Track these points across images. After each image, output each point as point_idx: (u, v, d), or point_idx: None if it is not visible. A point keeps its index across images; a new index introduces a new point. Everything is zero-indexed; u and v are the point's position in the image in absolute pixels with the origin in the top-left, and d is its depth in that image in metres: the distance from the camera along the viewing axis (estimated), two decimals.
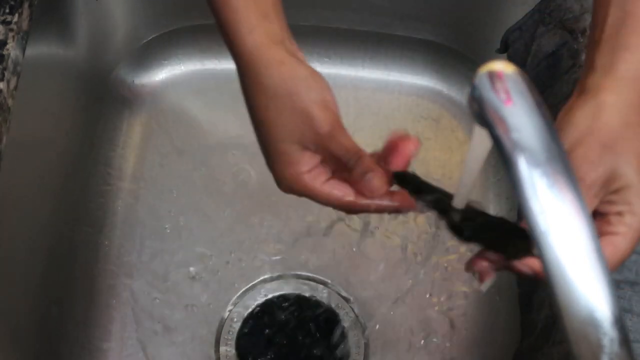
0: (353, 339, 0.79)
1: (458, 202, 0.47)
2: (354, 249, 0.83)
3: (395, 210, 0.52)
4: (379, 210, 0.52)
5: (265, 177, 0.88)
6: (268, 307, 0.80)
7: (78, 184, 0.81)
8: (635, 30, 0.50)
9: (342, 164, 0.51)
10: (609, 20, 0.50)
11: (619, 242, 0.48)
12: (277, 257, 0.83)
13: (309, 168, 0.51)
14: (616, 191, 0.48)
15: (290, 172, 0.51)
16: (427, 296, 0.82)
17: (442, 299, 0.81)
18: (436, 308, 0.81)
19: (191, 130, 0.88)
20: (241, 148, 0.87)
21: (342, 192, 0.51)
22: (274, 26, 0.51)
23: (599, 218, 0.49)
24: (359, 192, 0.51)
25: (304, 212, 0.84)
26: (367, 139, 0.54)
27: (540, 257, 0.33)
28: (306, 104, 0.50)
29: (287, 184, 0.52)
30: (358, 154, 0.51)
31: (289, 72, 0.50)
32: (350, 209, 0.52)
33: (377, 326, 0.80)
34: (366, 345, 0.79)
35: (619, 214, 0.48)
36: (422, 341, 0.80)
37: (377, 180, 0.50)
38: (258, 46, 0.50)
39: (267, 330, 0.79)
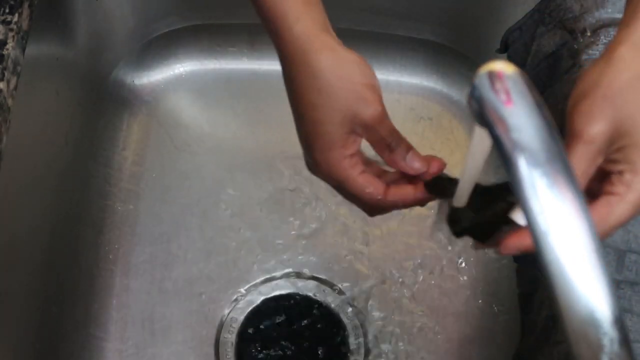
0: (353, 339, 0.79)
1: (458, 202, 0.47)
2: (355, 250, 0.83)
3: (417, 203, 0.53)
4: (404, 206, 0.53)
5: (265, 176, 0.89)
6: (268, 307, 0.80)
7: (78, 184, 0.81)
8: None
9: (383, 146, 0.52)
10: None
11: (615, 203, 0.46)
12: (277, 257, 0.83)
13: (351, 152, 0.52)
14: (620, 149, 0.46)
15: (333, 155, 0.52)
16: (428, 296, 0.82)
17: (442, 299, 0.81)
18: (436, 308, 0.81)
19: (191, 130, 0.88)
20: (241, 148, 0.87)
21: (375, 187, 0.52)
22: (319, 14, 0.53)
23: (604, 178, 0.47)
24: (402, 169, 0.52)
25: (305, 211, 0.84)
26: None
27: (540, 257, 0.33)
28: (358, 87, 0.51)
29: (326, 167, 0.53)
30: (400, 136, 0.52)
31: (340, 57, 0.51)
32: (376, 207, 0.53)
33: (378, 326, 0.80)
34: (366, 345, 0.79)
35: (620, 173, 0.46)
36: (423, 341, 0.80)
37: (418, 159, 0.52)
38: (306, 33, 0.51)
39: (266, 331, 0.79)
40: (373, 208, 0.54)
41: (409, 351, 0.79)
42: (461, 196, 0.47)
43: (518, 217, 0.45)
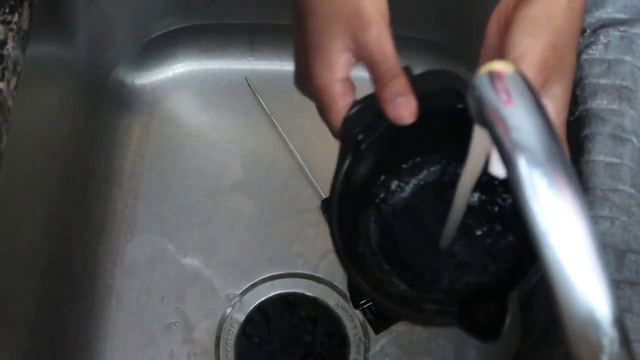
0: (353, 339, 0.79)
1: (459, 201, 0.47)
2: None
3: None
4: None
5: (265, 176, 0.89)
6: (268, 307, 0.80)
7: (78, 183, 0.81)
8: None
9: (376, 75, 0.48)
10: None
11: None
12: (278, 256, 0.83)
13: (343, 76, 0.49)
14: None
15: (325, 74, 0.49)
16: None
17: None
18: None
19: (191, 130, 0.88)
20: (241, 148, 0.87)
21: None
22: None
23: None
24: (384, 108, 0.48)
25: (305, 210, 0.84)
26: None
27: (540, 257, 0.33)
28: (365, 4, 0.48)
29: (316, 85, 0.49)
30: (397, 71, 0.48)
31: None
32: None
33: None
34: (366, 345, 0.79)
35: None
36: (423, 341, 0.80)
37: (406, 108, 0.47)
38: None
39: (267, 331, 0.79)
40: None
41: (409, 350, 0.79)
42: (462, 196, 0.47)
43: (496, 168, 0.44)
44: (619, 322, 0.33)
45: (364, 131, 0.49)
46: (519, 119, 0.35)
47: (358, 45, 0.48)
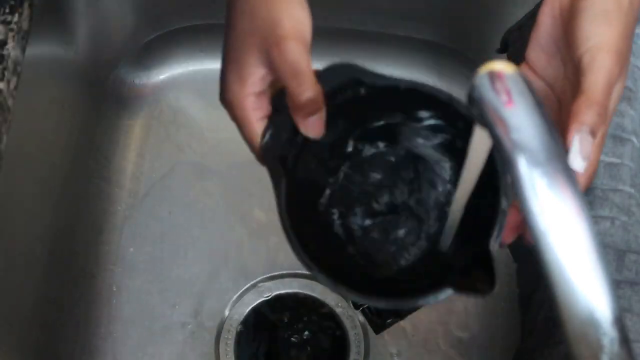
0: (353, 339, 0.79)
1: (459, 201, 0.47)
2: None
3: None
4: None
5: (265, 177, 0.89)
6: (268, 307, 0.80)
7: (78, 183, 0.81)
8: None
9: (287, 88, 0.46)
10: None
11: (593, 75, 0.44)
12: (278, 256, 0.82)
13: (257, 90, 0.48)
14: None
15: (238, 88, 0.48)
16: None
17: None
18: (436, 308, 0.81)
19: (191, 130, 0.88)
20: (241, 148, 0.87)
21: None
22: None
23: None
24: (297, 124, 0.48)
25: None
26: None
27: (540, 257, 0.33)
28: (278, 13, 0.46)
29: (230, 99, 0.49)
30: (309, 85, 0.46)
31: None
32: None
33: None
34: (366, 345, 0.79)
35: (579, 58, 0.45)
36: (423, 341, 0.80)
37: (318, 125, 0.48)
38: None
39: (267, 331, 0.79)
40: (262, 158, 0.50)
41: (409, 350, 0.79)
42: (462, 196, 0.47)
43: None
44: (619, 322, 0.33)
45: (283, 153, 0.49)
46: (519, 119, 0.35)
47: (271, 60, 0.47)
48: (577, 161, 0.41)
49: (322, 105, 0.47)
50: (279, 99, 0.49)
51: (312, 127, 0.48)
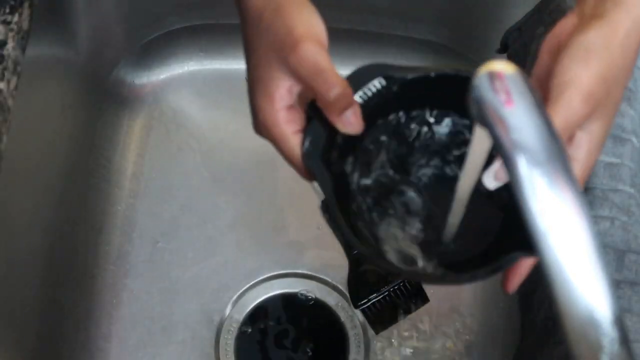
0: (353, 339, 0.79)
1: (460, 201, 0.47)
2: None
3: None
4: None
5: (265, 177, 0.89)
6: (268, 307, 0.80)
7: (78, 183, 0.81)
8: None
9: (318, 97, 0.46)
10: None
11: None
12: (278, 256, 0.83)
13: (286, 104, 0.48)
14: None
15: (267, 107, 0.47)
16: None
17: (442, 299, 0.81)
18: (436, 308, 0.81)
19: (191, 130, 0.88)
20: (241, 148, 0.87)
21: None
22: None
23: None
24: (334, 124, 0.47)
25: (306, 211, 0.84)
26: None
27: (540, 257, 0.33)
28: (291, 21, 0.46)
29: (262, 120, 0.48)
30: (335, 81, 0.46)
31: (288, 3, 0.47)
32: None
33: None
34: (366, 345, 0.79)
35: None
36: (423, 341, 0.80)
37: (356, 120, 0.47)
38: None
39: (267, 331, 0.79)
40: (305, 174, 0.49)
41: (409, 350, 0.79)
42: (462, 196, 0.47)
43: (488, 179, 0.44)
44: (619, 322, 0.33)
45: (325, 156, 0.49)
46: (519, 119, 0.35)
47: (291, 67, 0.46)
48: (489, 180, 0.42)
49: (352, 99, 0.47)
50: (312, 107, 0.48)
51: (349, 122, 0.47)
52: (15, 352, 0.67)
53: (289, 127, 0.48)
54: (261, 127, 0.49)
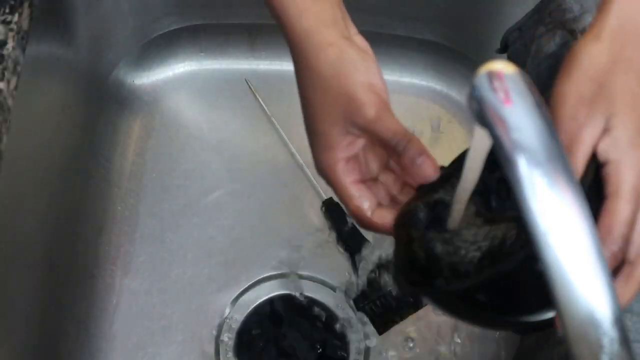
0: (354, 339, 0.79)
1: (459, 201, 0.47)
2: None
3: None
4: (384, 232, 0.51)
5: (266, 177, 0.89)
6: (268, 307, 0.80)
7: (78, 183, 0.81)
8: None
9: (390, 149, 0.50)
10: None
11: (612, 206, 0.44)
12: (278, 257, 0.82)
13: (346, 155, 0.50)
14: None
15: (328, 156, 0.50)
16: None
17: None
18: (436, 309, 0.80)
19: (191, 130, 0.88)
20: (241, 148, 0.87)
21: (363, 201, 0.50)
22: (325, 8, 0.51)
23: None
24: (410, 176, 0.50)
25: (306, 211, 0.84)
26: None
27: (540, 257, 0.33)
28: (351, 86, 0.49)
29: (322, 168, 0.52)
30: (407, 137, 0.49)
31: (337, 53, 0.50)
32: (363, 222, 0.51)
33: None
34: (366, 346, 0.79)
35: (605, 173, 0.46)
36: (423, 342, 0.80)
37: (429, 165, 0.50)
38: (308, 30, 0.50)
39: (266, 331, 0.79)
40: (360, 221, 0.52)
41: (409, 351, 0.79)
42: (462, 196, 0.47)
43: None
44: (619, 322, 0.33)
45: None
46: (519, 119, 0.35)
47: (359, 128, 0.49)
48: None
49: (424, 149, 0.50)
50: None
51: (422, 170, 0.49)
52: (16, 352, 0.67)
53: (347, 177, 0.51)
54: (321, 172, 0.52)
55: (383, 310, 0.57)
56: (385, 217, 0.50)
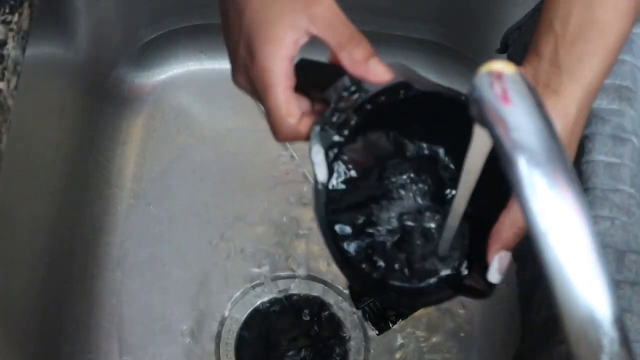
0: (354, 339, 0.79)
1: (460, 201, 0.47)
2: None
3: None
4: (304, 140, 0.48)
5: (265, 177, 0.89)
6: (268, 307, 0.80)
7: (78, 184, 0.81)
8: (601, 38, 0.49)
9: (340, 47, 0.47)
10: (572, 20, 0.49)
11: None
12: (278, 257, 0.83)
13: (289, 53, 0.47)
14: None
15: (271, 50, 0.46)
16: None
17: None
18: (436, 308, 0.81)
19: (191, 130, 0.88)
20: (241, 148, 0.87)
21: (294, 108, 0.47)
22: None
23: None
24: (359, 76, 0.47)
25: (306, 210, 0.84)
26: None
27: (540, 257, 0.33)
28: None
29: (261, 64, 0.47)
30: (359, 34, 0.48)
31: None
32: (285, 131, 0.48)
33: None
34: (366, 345, 0.79)
35: None
36: (423, 342, 0.80)
37: (381, 66, 0.48)
38: None
39: (267, 331, 0.79)
40: (284, 130, 0.48)
41: (410, 351, 0.79)
42: (463, 196, 0.47)
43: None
44: (619, 322, 0.33)
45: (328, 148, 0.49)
46: (519, 119, 0.35)
47: (312, 18, 0.47)
48: (495, 276, 0.49)
49: (372, 51, 0.48)
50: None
51: (376, 69, 0.48)
52: (16, 352, 0.67)
53: (283, 79, 0.47)
54: (255, 72, 0.48)
55: (383, 310, 0.57)
56: (308, 124, 0.48)
